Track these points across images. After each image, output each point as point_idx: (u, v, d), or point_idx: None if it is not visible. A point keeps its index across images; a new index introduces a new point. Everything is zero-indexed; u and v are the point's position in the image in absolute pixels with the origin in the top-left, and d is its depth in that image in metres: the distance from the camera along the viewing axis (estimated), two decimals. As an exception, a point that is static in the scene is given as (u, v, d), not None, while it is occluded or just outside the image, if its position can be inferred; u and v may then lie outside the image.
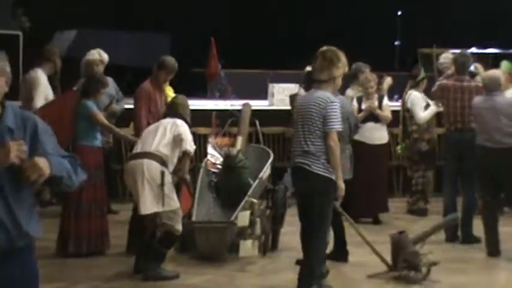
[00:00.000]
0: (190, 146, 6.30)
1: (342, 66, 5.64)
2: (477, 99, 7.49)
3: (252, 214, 6.86)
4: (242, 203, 6.92)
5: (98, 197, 7.03)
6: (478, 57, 12.02)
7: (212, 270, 6.60)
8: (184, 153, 6.30)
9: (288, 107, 10.28)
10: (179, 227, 6.29)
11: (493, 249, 7.19)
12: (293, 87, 10.54)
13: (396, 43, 13.37)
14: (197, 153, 8.79)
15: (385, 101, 8.57)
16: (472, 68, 8.27)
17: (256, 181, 7.18)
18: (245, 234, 6.75)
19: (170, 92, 8.01)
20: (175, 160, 6.31)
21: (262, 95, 10.93)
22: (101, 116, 7.11)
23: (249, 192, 7.04)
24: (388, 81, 8.47)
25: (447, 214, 7.68)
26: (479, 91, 7.55)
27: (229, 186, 7.26)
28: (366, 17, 14.86)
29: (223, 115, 8.99)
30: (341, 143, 6.51)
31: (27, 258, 3.13)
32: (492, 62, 12.69)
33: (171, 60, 7.20)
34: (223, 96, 10.75)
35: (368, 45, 13.13)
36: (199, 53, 11.79)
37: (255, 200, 6.98)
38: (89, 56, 8.13)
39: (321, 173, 5.55)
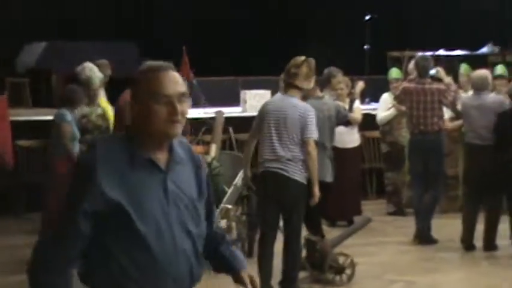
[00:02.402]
0: None
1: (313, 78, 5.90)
2: (465, 98, 7.78)
3: (227, 221, 6.87)
4: (218, 210, 6.93)
5: None
6: (446, 60, 12.20)
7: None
8: None
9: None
10: None
11: (469, 244, 7.41)
12: (264, 93, 10.58)
13: (365, 47, 13.46)
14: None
15: (356, 103, 8.64)
16: (433, 71, 8.38)
17: (231, 188, 7.18)
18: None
19: (106, 104, 8.01)
20: None
21: (235, 101, 10.96)
22: (67, 130, 6.96)
23: (224, 199, 7.05)
24: (360, 85, 8.55)
25: (417, 215, 7.77)
26: (441, 93, 7.69)
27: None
28: (335, 22, 14.97)
29: (197, 123, 8.99)
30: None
31: None
32: (459, 63, 12.87)
33: None
34: (196, 104, 10.74)
35: (338, 51, 13.23)
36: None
37: (230, 206, 6.99)
38: (98, 73, 7.95)
39: (299, 179, 5.68)
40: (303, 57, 5.84)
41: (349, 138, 8.57)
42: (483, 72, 7.80)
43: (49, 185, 6.86)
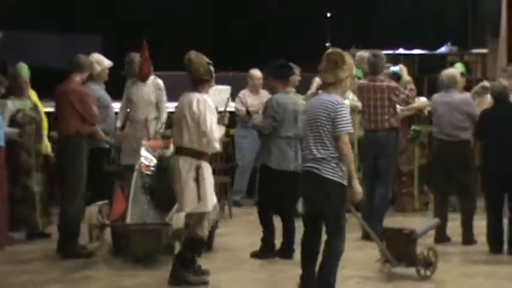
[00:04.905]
0: (206, 126, 6.03)
1: (348, 68, 5.63)
2: (435, 95, 7.97)
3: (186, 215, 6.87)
4: (176, 205, 6.92)
5: None
6: (405, 58, 12.35)
7: (147, 273, 6.59)
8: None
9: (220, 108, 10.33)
10: (204, 232, 6.21)
11: (441, 237, 7.63)
12: (225, 89, 10.58)
13: (327, 44, 13.54)
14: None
15: (347, 101, 8.69)
16: (396, 68, 8.47)
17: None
18: (180, 236, 6.76)
19: (35, 97, 8.02)
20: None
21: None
22: None
23: (183, 194, 7.04)
24: (317, 81, 8.60)
25: (364, 212, 7.81)
26: (391, 91, 7.77)
27: (163, 188, 7.23)
28: (296, 18, 15.01)
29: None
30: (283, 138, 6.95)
31: None
32: (419, 62, 13.05)
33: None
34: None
35: (299, 47, 13.28)
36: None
37: (189, 202, 6.98)
38: (106, 63, 8.06)
39: (331, 177, 5.51)
40: (327, 51, 5.69)
41: None
42: (452, 70, 8.09)
43: None
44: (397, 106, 8.00)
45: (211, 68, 6.23)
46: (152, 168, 7.43)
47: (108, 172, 8.04)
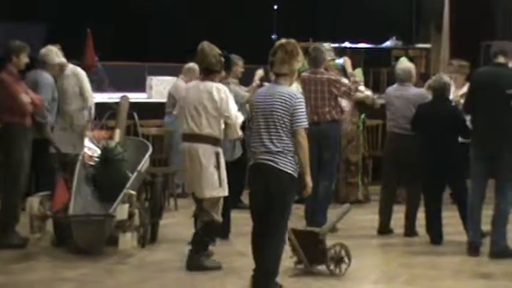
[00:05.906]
0: (229, 112, 6.15)
1: (301, 59, 5.60)
2: (390, 88, 8.08)
3: (130, 206, 6.83)
4: (120, 196, 6.88)
5: None
6: (351, 52, 12.49)
7: (89, 264, 6.53)
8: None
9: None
10: (220, 216, 6.33)
11: (384, 229, 7.82)
12: (171, 80, 10.55)
13: (273, 37, 13.61)
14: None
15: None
16: (341, 60, 8.54)
17: (135, 173, 7.15)
18: (124, 227, 6.72)
19: None
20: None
21: (141, 87, 10.88)
22: None
23: (128, 185, 7.01)
24: (259, 72, 8.63)
25: (307, 204, 7.86)
26: (331, 83, 7.84)
27: (107, 179, 7.19)
28: (243, 11, 15.03)
29: (101, 108, 8.88)
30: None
31: None
32: (364, 56, 13.21)
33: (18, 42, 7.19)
34: (100, 88, 10.62)
35: (246, 39, 13.31)
36: (76, 45, 11.60)
37: (133, 192, 6.95)
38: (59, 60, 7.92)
39: (288, 170, 5.45)
40: (281, 41, 5.57)
41: None
42: (407, 64, 8.19)
43: None
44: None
45: (222, 59, 6.30)
46: (96, 159, 7.38)
47: (53, 162, 7.95)
